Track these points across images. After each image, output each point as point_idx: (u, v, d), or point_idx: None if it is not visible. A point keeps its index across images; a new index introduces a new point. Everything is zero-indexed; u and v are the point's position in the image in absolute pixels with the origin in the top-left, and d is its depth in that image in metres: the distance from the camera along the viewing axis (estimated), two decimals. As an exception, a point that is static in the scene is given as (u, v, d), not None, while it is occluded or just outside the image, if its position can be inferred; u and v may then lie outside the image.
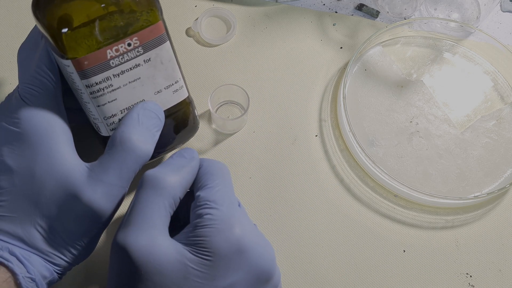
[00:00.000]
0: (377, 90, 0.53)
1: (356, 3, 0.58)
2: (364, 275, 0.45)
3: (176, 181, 0.35)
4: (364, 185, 0.49)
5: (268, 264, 0.35)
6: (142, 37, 0.36)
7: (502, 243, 0.47)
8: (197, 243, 0.33)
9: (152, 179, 0.34)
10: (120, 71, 0.36)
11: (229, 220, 0.34)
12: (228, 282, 0.33)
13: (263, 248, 0.35)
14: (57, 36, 0.33)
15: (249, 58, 0.54)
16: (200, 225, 0.33)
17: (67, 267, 0.36)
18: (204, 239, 0.33)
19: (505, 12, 0.59)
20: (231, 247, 0.33)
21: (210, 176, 0.36)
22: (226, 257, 0.33)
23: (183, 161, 0.36)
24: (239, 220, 0.34)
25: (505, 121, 0.52)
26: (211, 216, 0.33)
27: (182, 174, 0.35)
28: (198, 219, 0.34)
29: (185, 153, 0.37)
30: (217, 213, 0.34)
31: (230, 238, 0.33)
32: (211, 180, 0.36)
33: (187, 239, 0.33)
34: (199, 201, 0.34)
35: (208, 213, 0.33)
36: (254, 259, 0.34)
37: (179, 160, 0.36)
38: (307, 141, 0.50)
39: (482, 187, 0.49)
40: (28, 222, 0.34)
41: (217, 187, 0.35)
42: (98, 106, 0.37)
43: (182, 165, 0.36)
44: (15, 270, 0.32)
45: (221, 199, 0.35)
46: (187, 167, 0.36)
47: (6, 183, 0.35)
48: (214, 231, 0.33)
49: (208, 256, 0.33)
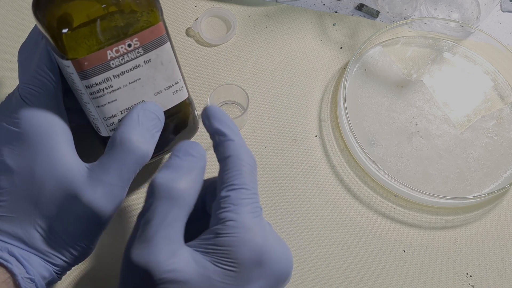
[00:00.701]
0: (377, 90, 0.53)
1: (356, 3, 0.58)
2: (364, 275, 0.45)
3: (191, 187, 0.32)
4: (364, 185, 0.49)
5: (288, 266, 0.34)
6: (143, 38, 0.36)
7: (502, 243, 0.47)
8: (219, 253, 0.31)
9: (166, 189, 0.31)
10: (120, 72, 0.36)
11: (253, 228, 0.32)
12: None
13: (283, 252, 0.33)
14: (57, 36, 0.33)
15: (249, 58, 0.54)
16: (222, 232, 0.31)
17: (67, 267, 0.36)
18: (227, 249, 0.31)
19: (505, 12, 0.59)
20: (255, 257, 0.31)
21: (238, 174, 0.33)
22: (250, 267, 0.31)
23: (193, 161, 0.33)
24: (262, 229, 0.32)
25: (505, 121, 0.52)
26: (233, 223, 0.31)
27: (195, 178, 0.33)
28: (219, 225, 0.32)
29: (193, 151, 0.34)
30: (240, 219, 0.32)
31: (255, 248, 0.31)
32: (238, 179, 0.33)
33: (208, 248, 0.32)
34: (224, 203, 0.32)
35: (232, 219, 0.31)
36: (277, 265, 0.33)
37: (189, 160, 0.33)
38: (307, 141, 0.50)
39: (482, 187, 0.49)
40: (28, 222, 0.34)
41: (243, 188, 0.33)
42: (98, 106, 0.37)
43: (193, 167, 0.33)
44: (14, 271, 0.32)
45: (245, 203, 0.32)
46: (197, 168, 0.33)
47: (6, 183, 0.35)
48: (237, 240, 0.31)
49: (232, 266, 0.31)
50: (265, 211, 0.47)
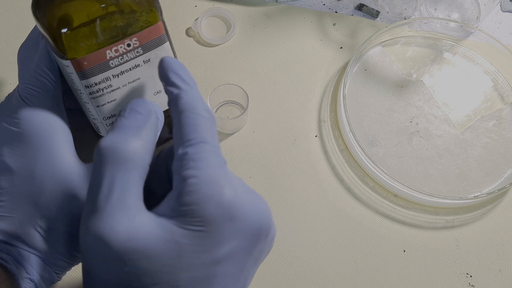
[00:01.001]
0: (377, 90, 0.53)
1: (356, 3, 0.58)
2: (364, 275, 0.45)
3: (140, 147, 0.29)
4: (364, 185, 0.49)
5: (265, 221, 0.31)
6: (142, 38, 0.36)
7: (502, 243, 0.47)
8: (185, 214, 0.28)
9: (112, 152, 0.29)
10: (119, 72, 0.36)
11: (218, 182, 0.29)
12: (227, 249, 0.29)
13: (257, 206, 0.30)
14: (57, 36, 0.33)
15: (249, 58, 0.54)
16: (185, 191, 0.28)
17: (67, 267, 0.36)
18: (192, 208, 0.28)
19: (505, 12, 0.59)
20: (224, 213, 0.28)
21: (194, 128, 0.30)
22: (220, 224, 0.28)
23: (140, 119, 0.31)
24: (228, 181, 0.29)
25: (505, 121, 0.52)
26: (196, 180, 0.28)
27: (144, 137, 0.30)
28: (182, 184, 0.28)
29: (140, 109, 0.31)
30: (203, 174, 0.28)
31: (221, 201, 0.28)
32: (195, 133, 0.30)
33: (172, 211, 0.29)
34: (182, 161, 0.29)
35: (193, 176, 0.28)
36: (251, 220, 0.30)
37: (135, 119, 0.31)
38: (307, 141, 0.50)
39: (482, 187, 0.49)
40: (28, 222, 0.34)
41: (202, 142, 0.30)
42: (98, 106, 0.37)
43: (141, 125, 0.30)
44: (14, 271, 0.32)
45: (207, 158, 0.29)
46: (147, 126, 0.31)
47: (6, 183, 0.35)
48: (202, 197, 0.28)
49: (199, 226, 0.28)
50: (265, 211, 0.47)
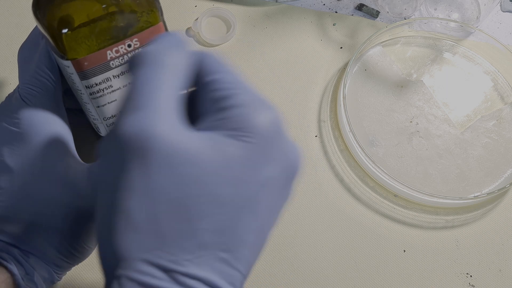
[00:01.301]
0: (377, 90, 0.53)
1: (356, 3, 0.58)
2: (364, 275, 0.45)
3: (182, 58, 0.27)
4: (364, 185, 0.49)
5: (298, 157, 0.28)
6: (142, 38, 0.36)
7: (502, 243, 0.47)
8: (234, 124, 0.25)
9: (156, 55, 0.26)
10: (120, 72, 0.36)
11: (260, 99, 0.27)
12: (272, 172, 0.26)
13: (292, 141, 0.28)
14: (57, 37, 0.33)
15: (249, 58, 0.54)
16: (230, 104, 0.26)
17: (67, 267, 0.36)
18: (242, 118, 0.25)
19: (505, 12, 0.59)
20: (272, 126, 0.26)
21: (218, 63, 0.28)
22: (268, 137, 0.26)
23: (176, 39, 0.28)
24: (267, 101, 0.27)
25: (505, 121, 0.52)
26: (242, 96, 0.26)
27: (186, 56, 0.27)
28: (224, 101, 0.26)
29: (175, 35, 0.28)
30: (246, 93, 0.26)
31: (271, 116, 0.26)
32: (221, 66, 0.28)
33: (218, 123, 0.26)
34: (217, 84, 0.27)
35: (237, 93, 0.26)
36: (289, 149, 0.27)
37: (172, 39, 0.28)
38: (307, 142, 0.50)
39: (482, 187, 0.49)
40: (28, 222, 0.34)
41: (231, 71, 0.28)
42: (98, 107, 0.37)
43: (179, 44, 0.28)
44: (14, 271, 0.32)
45: (242, 82, 0.27)
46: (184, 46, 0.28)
47: (6, 183, 0.35)
48: (251, 109, 0.26)
49: (251, 137, 0.25)
50: (265, 211, 0.47)
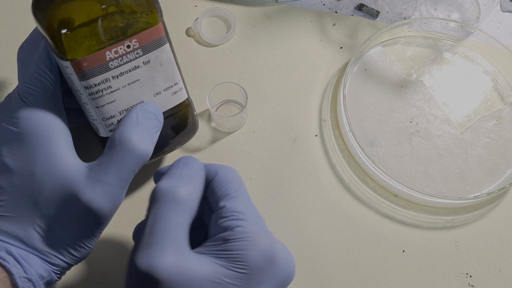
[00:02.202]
0: (377, 90, 0.53)
1: (356, 3, 0.58)
2: (364, 275, 0.45)
3: (193, 193, 0.33)
4: (364, 185, 0.49)
5: (293, 268, 0.34)
6: (142, 39, 0.36)
7: (502, 243, 0.47)
8: (231, 257, 0.31)
9: (168, 193, 0.32)
10: (119, 73, 0.36)
11: (260, 231, 0.32)
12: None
13: (287, 256, 0.34)
14: (57, 37, 0.33)
15: (249, 58, 0.54)
16: (232, 238, 0.31)
17: (66, 267, 0.36)
18: (239, 253, 0.31)
19: (505, 12, 0.58)
20: (265, 259, 0.32)
21: (230, 185, 0.34)
22: (260, 269, 0.32)
23: (192, 171, 0.34)
24: (266, 231, 0.33)
25: (505, 121, 0.52)
26: (242, 229, 0.32)
27: (195, 185, 0.33)
28: (227, 232, 0.32)
29: (192, 162, 0.35)
30: (247, 225, 0.32)
31: (264, 250, 0.32)
32: (232, 190, 0.34)
33: (218, 253, 0.32)
34: (225, 213, 0.33)
35: (239, 225, 0.32)
36: (283, 268, 0.33)
37: (187, 170, 0.34)
38: (307, 141, 0.50)
39: (482, 187, 0.49)
40: (27, 222, 0.34)
41: (240, 197, 0.34)
42: (97, 107, 0.37)
43: (194, 175, 0.34)
44: (12, 270, 0.32)
45: (247, 210, 0.33)
46: (197, 177, 0.34)
47: (5, 183, 0.35)
48: (249, 244, 0.31)
49: (244, 269, 0.31)
50: (265, 211, 0.47)
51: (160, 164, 0.48)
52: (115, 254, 0.45)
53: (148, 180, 0.48)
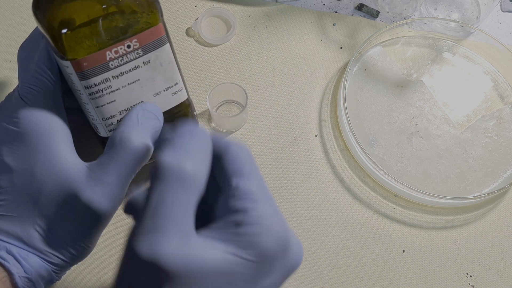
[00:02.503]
0: (377, 90, 0.53)
1: (356, 3, 0.58)
2: (364, 275, 0.45)
3: (201, 169, 0.29)
4: (364, 185, 0.49)
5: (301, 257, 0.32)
6: (142, 39, 0.36)
7: (502, 243, 0.47)
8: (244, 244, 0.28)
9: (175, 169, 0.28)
10: (119, 73, 0.36)
11: (275, 215, 0.29)
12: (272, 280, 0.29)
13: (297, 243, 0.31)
14: (57, 37, 0.33)
15: (249, 58, 0.54)
16: (245, 222, 0.28)
17: (66, 266, 0.36)
18: (253, 239, 0.28)
19: (505, 12, 0.59)
20: (280, 247, 0.29)
21: (244, 163, 0.30)
22: (273, 257, 0.29)
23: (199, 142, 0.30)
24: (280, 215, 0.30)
25: (505, 121, 0.52)
26: (256, 212, 0.28)
27: (204, 160, 0.29)
28: (240, 215, 0.28)
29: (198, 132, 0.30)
30: (262, 208, 0.29)
31: (279, 236, 0.29)
32: (246, 168, 0.30)
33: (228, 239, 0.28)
34: (238, 193, 0.29)
35: (253, 208, 0.28)
36: (294, 257, 0.30)
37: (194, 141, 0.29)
38: (307, 141, 0.50)
39: (482, 187, 0.49)
40: (27, 221, 0.34)
41: (254, 176, 0.30)
42: (97, 107, 0.37)
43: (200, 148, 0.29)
44: (12, 270, 0.32)
45: (262, 191, 0.30)
46: (205, 150, 0.30)
47: (6, 183, 0.35)
48: (262, 229, 0.28)
49: (257, 257, 0.28)
50: (265, 211, 0.47)
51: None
52: (115, 254, 0.45)
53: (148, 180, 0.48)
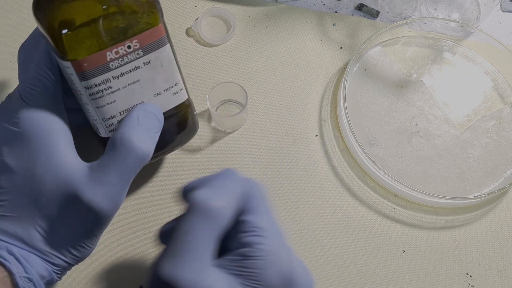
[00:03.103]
0: (377, 90, 0.53)
1: (356, 3, 0.58)
2: (364, 275, 0.45)
3: (228, 208, 0.32)
4: (364, 185, 0.49)
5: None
6: (142, 40, 0.36)
7: (502, 243, 0.47)
8: (248, 275, 0.31)
9: (204, 206, 0.31)
10: (119, 73, 0.36)
11: (280, 251, 0.32)
12: None
13: (306, 277, 0.34)
14: (57, 37, 0.33)
15: (249, 58, 0.54)
16: (251, 255, 0.31)
17: (67, 267, 0.36)
18: (256, 272, 0.31)
19: (505, 12, 0.59)
20: (282, 280, 0.31)
21: (256, 200, 0.34)
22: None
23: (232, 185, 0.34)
24: (287, 251, 0.33)
25: (505, 121, 0.52)
26: (262, 247, 0.31)
27: (233, 201, 0.32)
28: (247, 248, 0.31)
29: (233, 176, 0.35)
30: (268, 243, 0.32)
31: (282, 271, 0.31)
32: (257, 205, 0.34)
33: (236, 270, 0.31)
34: (248, 228, 0.32)
35: (260, 243, 0.31)
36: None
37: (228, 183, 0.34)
38: (307, 141, 0.50)
39: (482, 187, 0.49)
40: (28, 222, 0.34)
41: (263, 212, 0.33)
42: (97, 107, 0.37)
43: (232, 190, 0.33)
44: (12, 270, 0.32)
45: (270, 227, 0.33)
46: (235, 191, 0.33)
47: (6, 183, 0.35)
48: (267, 263, 0.31)
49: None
50: (265, 211, 0.47)
51: (160, 164, 0.48)
52: (116, 254, 0.45)
53: (149, 180, 0.48)
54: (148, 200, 0.47)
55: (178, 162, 0.48)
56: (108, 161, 0.35)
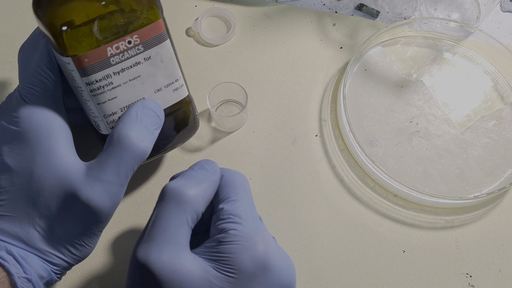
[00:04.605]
0: (377, 90, 0.53)
1: (356, 3, 0.58)
2: (364, 275, 0.45)
3: (199, 195, 0.34)
4: (364, 185, 0.49)
5: (291, 279, 0.34)
6: (143, 35, 0.36)
7: (502, 243, 0.47)
8: (221, 260, 0.32)
9: (174, 192, 0.34)
10: (120, 69, 0.36)
11: (254, 236, 0.33)
12: None
13: (285, 264, 0.34)
14: (58, 34, 0.33)
15: (249, 58, 0.54)
16: (225, 241, 0.33)
17: (66, 267, 0.36)
18: (229, 256, 0.32)
19: (505, 12, 0.59)
20: (256, 265, 0.32)
21: (232, 189, 0.36)
22: (250, 275, 0.32)
23: (205, 174, 0.36)
24: (263, 236, 0.34)
25: (505, 121, 0.52)
26: (236, 232, 0.33)
27: (204, 188, 0.35)
28: (222, 234, 0.33)
29: (207, 166, 0.36)
30: (242, 228, 0.33)
31: (256, 255, 0.33)
32: (233, 193, 0.35)
33: (211, 255, 0.33)
34: (223, 215, 0.34)
35: (233, 228, 0.33)
36: (278, 276, 0.33)
37: (201, 172, 0.36)
38: (307, 141, 0.50)
39: (482, 187, 0.49)
40: (27, 221, 0.34)
41: (240, 200, 0.35)
42: (98, 104, 0.37)
43: (204, 178, 0.35)
44: (11, 270, 0.32)
45: (245, 214, 0.34)
46: (209, 180, 0.35)
47: (5, 182, 0.35)
48: (239, 247, 0.32)
49: (233, 273, 0.32)
50: (265, 211, 0.47)
51: (160, 164, 0.48)
52: (116, 253, 0.45)
53: (148, 179, 0.48)
54: (148, 200, 0.47)
55: (178, 162, 0.48)
56: (106, 158, 0.35)
